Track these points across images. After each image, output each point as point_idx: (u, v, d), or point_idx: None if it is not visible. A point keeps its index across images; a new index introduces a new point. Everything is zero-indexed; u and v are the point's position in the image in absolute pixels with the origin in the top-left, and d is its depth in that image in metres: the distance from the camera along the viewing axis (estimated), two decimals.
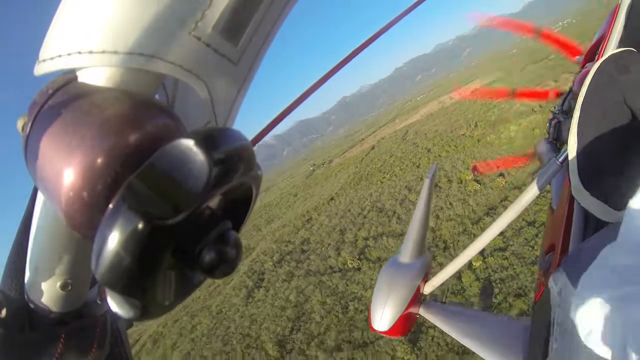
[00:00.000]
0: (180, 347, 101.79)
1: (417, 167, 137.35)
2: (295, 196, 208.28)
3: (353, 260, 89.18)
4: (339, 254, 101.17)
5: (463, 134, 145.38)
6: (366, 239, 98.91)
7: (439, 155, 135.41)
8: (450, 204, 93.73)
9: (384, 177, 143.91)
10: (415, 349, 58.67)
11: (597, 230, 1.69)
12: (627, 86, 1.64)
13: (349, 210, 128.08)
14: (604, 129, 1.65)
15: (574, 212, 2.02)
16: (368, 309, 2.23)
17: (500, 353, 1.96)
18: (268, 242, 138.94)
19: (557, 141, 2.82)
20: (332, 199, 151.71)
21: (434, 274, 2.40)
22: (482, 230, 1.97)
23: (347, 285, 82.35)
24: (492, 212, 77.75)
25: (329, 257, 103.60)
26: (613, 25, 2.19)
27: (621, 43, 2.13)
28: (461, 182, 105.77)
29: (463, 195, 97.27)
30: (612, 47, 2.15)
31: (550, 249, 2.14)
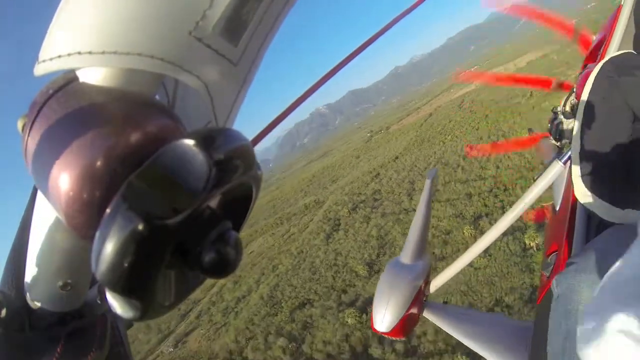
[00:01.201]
0: (265, 281, 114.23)
1: (476, 130, 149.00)
2: (358, 158, 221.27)
3: None
4: (411, 198, 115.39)
5: (518, 102, 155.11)
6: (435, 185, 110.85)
7: (497, 120, 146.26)
8: (509, 157, 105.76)
9: (445, 139, 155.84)
10: (487, 255, 75.03)
11: (599, 232, 1.69)
12: (628, 88, 1.65)
13: (415, 166, 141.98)
14: (606, 130, 1.66)
15: (576, 213, 2.01)
16: (374, 304, 2.35)
17: (503, 354, 2.05)
18: (338, 195, 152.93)
19: (559, 141, 2.80)
20: (396, 157, 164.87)
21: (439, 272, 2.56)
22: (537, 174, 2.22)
23: None
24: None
25: (402, 202, 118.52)
26: (615, 26, 2.22)
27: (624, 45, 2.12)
28: None
29: (520, 150, 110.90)
30: (613, 49, 2.18)
31: (552, 249, 2.14)
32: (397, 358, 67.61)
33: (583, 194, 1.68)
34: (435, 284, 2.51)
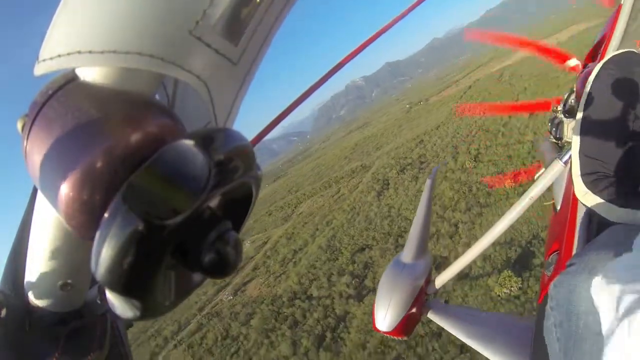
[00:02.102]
0: (321, 235, 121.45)
1: (516, 101, 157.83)
2: (400, 127, 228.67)
3: (470, 162, 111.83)
4: (456, 160, 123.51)
5: (557, 76, 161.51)
6: (477, 149, 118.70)
7: (535, 92, 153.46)
8: (547, 126, 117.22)
9: None
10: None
11: (600, 231, 1.63)
12: (628, 87, 1.62)
13: (458, 133, 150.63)
14: (606, 130, 1.63)
15: (577, 212, 1.95)
16: (374, 305, 2.25)
17: (505, 353, 2.00)
18: (384, 159, 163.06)
19: (560, 141, 2.75)
20: (438, 126, 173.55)
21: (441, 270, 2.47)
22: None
23: (468, 177, 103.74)
24: None
25: (448, 163, 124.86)
26: (615, 25, 2.20)
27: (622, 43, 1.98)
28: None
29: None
30: (613, 47, 2.15)
31: (554, 249, 2.10)
32: (451, 282, 79.95)
33: (583, 193, 1.67)
34: (438, 282, 2.54)
